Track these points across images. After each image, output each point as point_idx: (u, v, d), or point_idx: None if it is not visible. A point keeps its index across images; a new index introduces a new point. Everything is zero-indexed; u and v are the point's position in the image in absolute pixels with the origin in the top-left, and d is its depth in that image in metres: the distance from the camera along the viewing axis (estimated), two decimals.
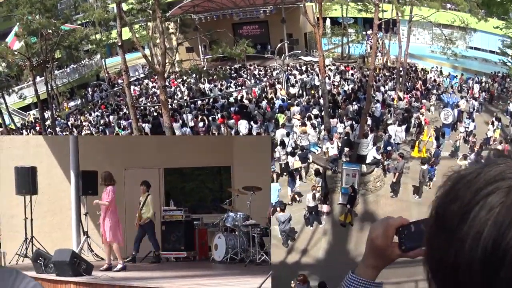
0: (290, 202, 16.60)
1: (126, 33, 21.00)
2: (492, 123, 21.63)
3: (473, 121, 22.09)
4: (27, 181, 9.55)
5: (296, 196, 17.14)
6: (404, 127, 20.82)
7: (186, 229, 9.89)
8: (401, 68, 28.81)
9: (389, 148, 18.91)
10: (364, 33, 41.09)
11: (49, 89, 30.78)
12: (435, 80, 31.52)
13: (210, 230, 9.90)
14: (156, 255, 9.41)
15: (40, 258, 8.02)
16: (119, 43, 18.09)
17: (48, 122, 30.01)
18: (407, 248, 1.23)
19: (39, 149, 10.66)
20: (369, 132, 18.49)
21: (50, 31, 29.48)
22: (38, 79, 32.20)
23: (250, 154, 10.67)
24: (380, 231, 1.25)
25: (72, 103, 37.33)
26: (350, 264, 14.05)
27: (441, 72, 34.45)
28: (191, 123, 22.94)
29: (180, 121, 22.76)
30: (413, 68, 35.61)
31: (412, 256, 1.23)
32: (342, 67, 35.30)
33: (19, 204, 9.67)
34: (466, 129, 21.75)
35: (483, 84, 30.86)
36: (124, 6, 26.29)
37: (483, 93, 28.14)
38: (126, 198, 9.81)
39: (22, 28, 28.95)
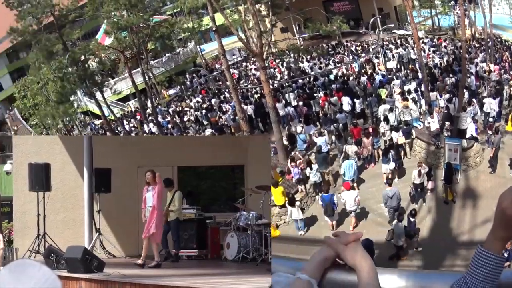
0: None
1: (219, 20, 21.48)
2: None
3: None
4: (40, 177, 9.48)
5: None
6: (497, 99, 19.74)
7: (199, 228, 9.93)
8: (488, 39, 27.62)
9: (490, 120, 18.47)
10: (449, 4, 39.81)
11: (146, 79, 31.16)
12: None
13: (223, 228, 9.87)
14: (175, 254, 9.38)
15: (52, 255, 8.00)
16: (214, 28, 18.21)
17: (148, 111, 30.63)
18: None
19: (53, 147, 10.69)
20: (467, 106, 18.06)
21: (141, 24, 29.43)
22: (133, 71, 32.41)
23: (264, 153, 10.84)
24: (511, 200, 1.15)
25: (171, 91, 37.48)
26: (453, 244, 13.22)
27: None
28: (294, 102, 22.91)
29: (283, 101, 22.62)
30: (499, 39, 33.73)
31: None
32: (435, 40, 34.16)
33: (32, 201, 9.62)
34: None
35: None
36: None
37: None
38: (139, 196, 9.37)
39: (110, 26, 28.92)
